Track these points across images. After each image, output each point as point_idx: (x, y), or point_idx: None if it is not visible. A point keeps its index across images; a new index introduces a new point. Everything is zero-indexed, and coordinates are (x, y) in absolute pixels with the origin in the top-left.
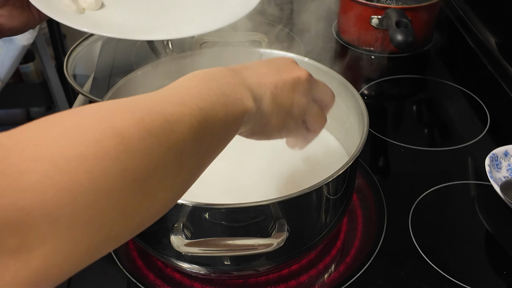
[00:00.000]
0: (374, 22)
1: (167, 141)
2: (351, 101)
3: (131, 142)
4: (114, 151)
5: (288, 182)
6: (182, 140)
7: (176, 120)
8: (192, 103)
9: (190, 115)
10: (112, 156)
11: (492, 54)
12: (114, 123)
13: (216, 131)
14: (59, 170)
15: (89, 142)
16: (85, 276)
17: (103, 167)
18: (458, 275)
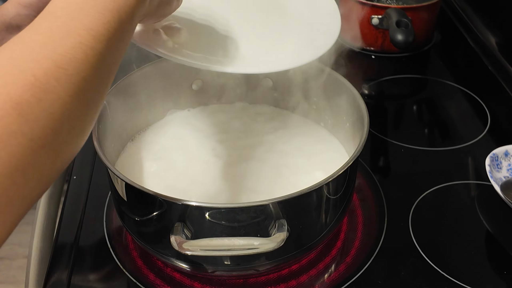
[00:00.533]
0: (374, 21)
1: (66, 90)
2: (351, 101)
3: (30, 110)
4: (15, 126)
5: (288, 181)
6: (82, 79)
7: (68, 60)
8: (79, 28)
9: (81, 45)
10: (15, 132)
11: (492, 54)
12: (9, 92)
13: (114, 45)
14: None
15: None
16: (85, 275)
17: (11, 146)
18: (458, 275)
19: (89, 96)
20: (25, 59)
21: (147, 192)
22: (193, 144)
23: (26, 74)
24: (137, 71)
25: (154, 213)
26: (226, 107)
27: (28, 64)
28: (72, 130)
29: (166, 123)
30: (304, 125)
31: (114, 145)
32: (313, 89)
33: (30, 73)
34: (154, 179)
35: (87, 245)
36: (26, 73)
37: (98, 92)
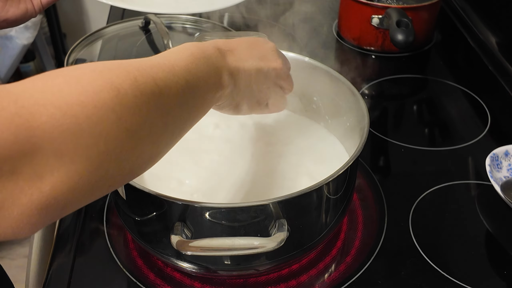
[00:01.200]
0: (374, 21)
1: (155, 102)
2: (351, 100)
3: (125, 97)
4: (110, 103)
5: (288, 181)
6: (168, 103)
7: (165, 85)
8: (180, 74)
9: (177, 84)
10: (109, 107)
11: (492, 54)
12: (111, 78)
13: (197, 102)
14: (63, 114)
15: (89, 93)
16: (85, 275)
17: (101, 115)
18: (459, 275)
19: (169, 121)
20: (132, 67)
21: (147, 192)
22: (192, 143)
23: (129, 74)
24: None
25: (154, 213)
26: None
27: (133, 71)
28: (150, 135)
29: None
30: (304, 125)
31: None
32: (313, 89)
33: (133, 76)
34: (154, 179)
35: (88, 244)
36: (129, 73)
37: (175, 124)
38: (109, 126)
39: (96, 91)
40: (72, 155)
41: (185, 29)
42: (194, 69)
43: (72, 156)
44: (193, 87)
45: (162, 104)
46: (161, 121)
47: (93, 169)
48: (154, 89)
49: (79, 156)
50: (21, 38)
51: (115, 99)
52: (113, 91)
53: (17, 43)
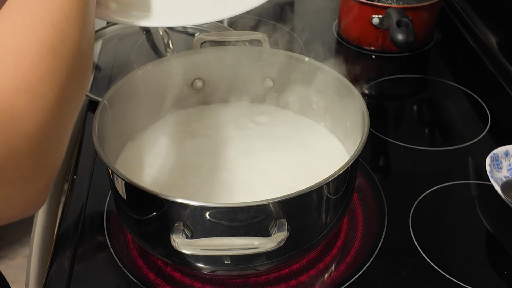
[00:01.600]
0: (374, 21)
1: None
2: (351, 100)
3: (60, 50)
4: (55, 64)
5: (288, 181)
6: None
7: (69, 9)
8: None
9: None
10: (56, 69)
11: (493, 54)
12: (40, 37)
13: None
14: (33, 97)
15: (39, 64)
16: (85, 275)
17: (56, 82)
18: (459, 275)
19: (89, 39)
20: (41, 12)
21: (148, 192)
22: (193, 143)
23: (46, 24)
24: (137, 71)
25: (155, 213)
26: (226, 107)
27: (44, 17)
28: (85, 64)
29: (166, 123)
30: (304, 125)
31: (114, 145)
32: (314, 89)
33: (49, 22)
34: (155, 179)
35: (87, 244)
36: (46, 23)
37: (92, 36)
38: (64, 87)
39: (40, 60)
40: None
41: (185, 29)
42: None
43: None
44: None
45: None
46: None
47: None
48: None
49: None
50: None
51: (57, 60)
52: (51, 51)
53: None
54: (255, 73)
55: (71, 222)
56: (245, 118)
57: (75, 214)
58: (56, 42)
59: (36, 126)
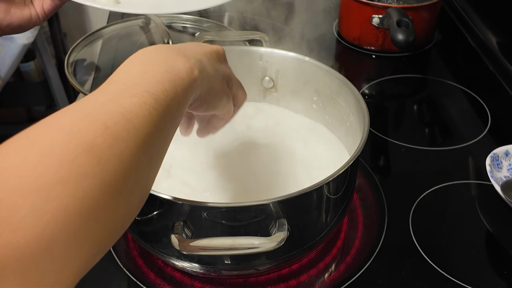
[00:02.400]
0: (375, 21)
1: (133, 140)
2: (352, 100)
3: (102, 153)
4: (89, 168)
5: (288, 181)
6: (147, 134)
7: (135, 115)
8: (142, 91)
9: (145, 104)
10: (88, 174)
11: (493, 54)
12: (82, 137)
13: (172, 112)
14: (45, 200)
15: (65, 164)
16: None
17: (84, 187)
18: (459, 275)
19: (152, 152)
20: (96, 111)
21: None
22: (193, 143)
23: (97, 123)
24: None
25: (155, 212)
26: None
27: (100, 115)
28: (139, 180)
29: None
30: (304, 124)
31: None
32: (314, 88)
33: (101, 122)
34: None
35: None
36: (97, 122)
37: (159, 151)
38: (95, 196)
39: (71, 159)
40: (63, 246)
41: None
42: (151, 77)
43: (64, 246)
44: (162, 97)
45: (140, 139)
46: (145, 158)
47: (87, 248)
48: (127, 126)
49: (71, 243)
50: (22, 38)
51: (92, 161)
52: (88, 152)
53: (18, 43)
54: (255, 72)
55: None
56: (245, 117)
57: None
58: (101, 144)
59: (35, 238)
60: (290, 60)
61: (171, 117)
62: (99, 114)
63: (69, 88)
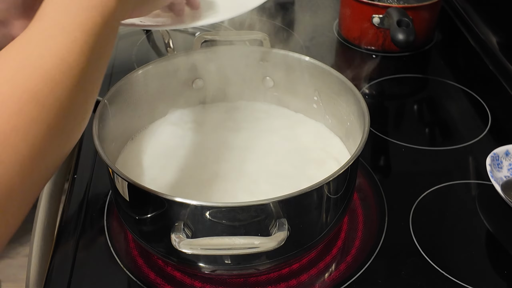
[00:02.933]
0: (375, 21)
1: (70, 81)
2: (352, 100)
3: (45, 99)
4: (36, 114)
5: (288, 180)
6: (81, 70)
7: (67, 53)
8: (71, 25)
9: (76, 40)
10: (36, 120)
11: (493, 53)
12: (25, 84)
13: (103, 37)
14: (3, 147)
15: (16, 113)
16: (85, 274)
17: (33, 132)
18: (459, 275)
19: (87, 86)
20: (32, 56)
21: (148, 191)
22: (193, 143)
23: (36, 69)
24: (137, 70)
25: (155, 212)
26: (227, 106)
27: (36, 60)
28: (77, 116)
29: (166, 122)
30: (304, 124)
31: (114, 144)
32: (314, 88)
33: (39, 67)
34: (155, 178)
35: (88, 244)
36: (36, 68)
37: (94, 83)
38: (42, 140)
39: (19, 108)
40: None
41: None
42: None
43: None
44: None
45: (76, 77)
46: (83, 94)
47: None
48: (63, 67)
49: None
50: None
51: (38, 108)
52: (33, 100)
53: None
54: (255, 72)
55: (71, 221)
56: (246, 117)
57: (75, 214)
58: (43, 89)
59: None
60: (290, 60)
61: (102, 45)
62: (36, 59)
63: None
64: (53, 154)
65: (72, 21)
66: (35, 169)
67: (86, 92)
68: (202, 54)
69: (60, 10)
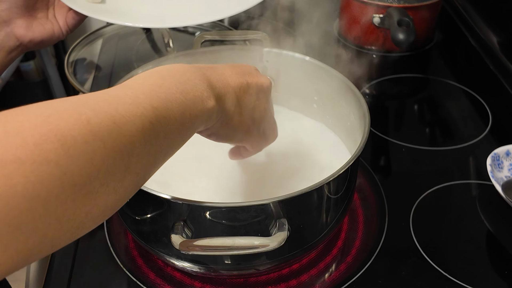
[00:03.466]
0: (375, 21)
1: (113, 144)
2: (352, 100)
3: (73, 146)
4: (54, 155)
5: (289, 180)
6: (130, 142)
7: (125, 122)
8: (145, 103)
9: (142, 116)
10: (51, 161)
11: (493, 53)
12: (58, 125)
13: (170, 131)
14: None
15: (29, 145)
16: (85, 274)
17: (40, 172)
18: (459, 275)
19: (132, 161)
20: (85, 106)
21: (148, 191)
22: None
23: (80, 116)
24: (137, 70)
25: (155, 212)
26: None
27: (86, 110)
28: (106, 184)
29: None
30: (305, 124)
31: None
32: (314, 88)
33: (85, 117)
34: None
35: (88, 244)
36: (81, 115)
37: (142, 163)
38: (50, 184)
39: (37, 142)
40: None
41: (186, 28)
42: (163, 92)
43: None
44: (164, 115)
45: (122, 144)
46: (121, 165)
47: (24, 237)
48: (112, 129)
49: (7, 225)
50: None
51: (59, 149)
52: (58, 141)
53: None
54: None
55: None
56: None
57: None
58: (77, 137)
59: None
60: (291, 60)
61: (168, 135)
62: (87, 110)
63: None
64: (62, 211)
65: (148, 99)
66: (30, 215)
67: (128, 165)
68: (202, 54)
69: (143, 86)
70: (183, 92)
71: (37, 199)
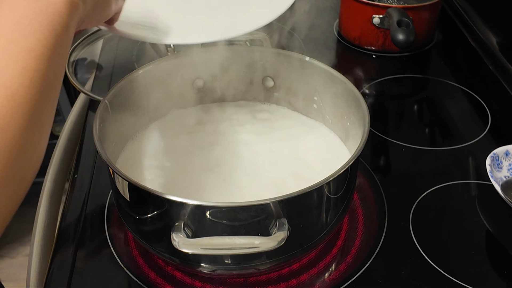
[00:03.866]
0: (375, 21)
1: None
2: (352, 100)
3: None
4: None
5: (289, 180)
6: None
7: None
8: (21, 52)
9: (25, 70)
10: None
11: (493, 54)
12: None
13: (57, 61)
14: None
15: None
16: (85, 274)
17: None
18: (459, 275)
19: (41, 120)
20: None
21: (148, 191)
22: (194, 142)
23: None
24: (138, 70)
25: (155, 212)
26: (227, 106)
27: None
28: (33, 155)
29: (167, 122)
30: (304, 124)
31: (115, 144)
32: (314, 88)
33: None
34: (155, 178)
35: (88, 243)
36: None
37: (48, 110)
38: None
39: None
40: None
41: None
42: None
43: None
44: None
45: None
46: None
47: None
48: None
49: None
50: None
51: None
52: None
53: None
54: (255, 72)
55: (71, 221)
56: (246, 117)
57: (76, 213)
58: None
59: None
60: (291, 60)
61: (55, 67)
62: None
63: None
64: (8, 199)
65: (19, 45)
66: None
67: (40, 127)
68: (202, 54)
69: (5, 30)
70: (43, 10)
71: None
